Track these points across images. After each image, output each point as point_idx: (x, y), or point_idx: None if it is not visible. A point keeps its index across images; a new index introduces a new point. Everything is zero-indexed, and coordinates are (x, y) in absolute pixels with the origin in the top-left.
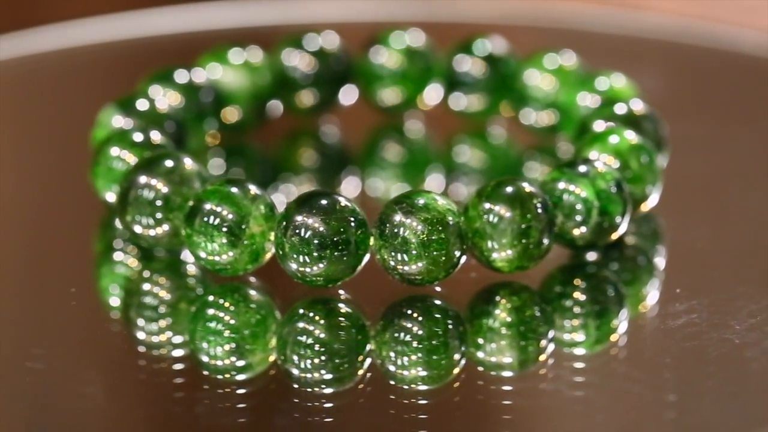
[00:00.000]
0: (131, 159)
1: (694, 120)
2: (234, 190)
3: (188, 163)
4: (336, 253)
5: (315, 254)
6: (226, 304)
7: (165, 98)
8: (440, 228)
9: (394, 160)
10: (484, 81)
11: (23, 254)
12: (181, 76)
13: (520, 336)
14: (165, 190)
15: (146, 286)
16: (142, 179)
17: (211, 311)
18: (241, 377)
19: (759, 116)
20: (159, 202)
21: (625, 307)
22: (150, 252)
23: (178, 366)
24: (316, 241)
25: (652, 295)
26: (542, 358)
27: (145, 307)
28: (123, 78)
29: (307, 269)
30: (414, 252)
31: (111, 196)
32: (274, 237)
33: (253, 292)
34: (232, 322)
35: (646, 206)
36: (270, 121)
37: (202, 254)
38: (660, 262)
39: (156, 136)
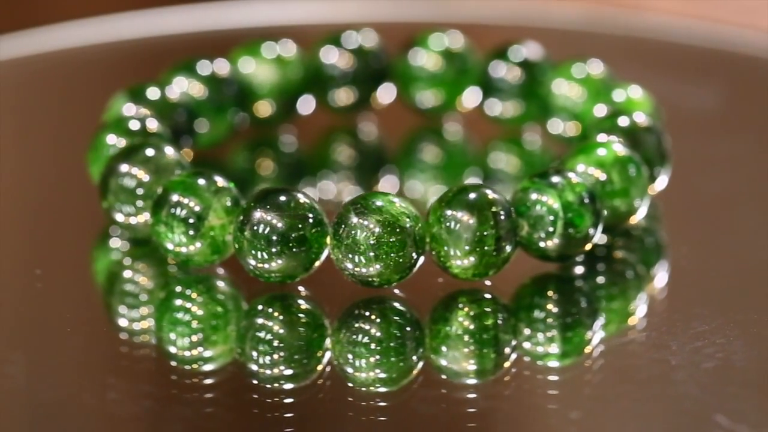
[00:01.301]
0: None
1: (695, 121)
2: (200, 181)
3: (169, 152)
4: (291, 250)
5: (269, 250)
6: (193, 295)
7: (187, 88)
8: (392, 231)
9: (432, 161)
10: (519, 87)
11: (23, 253)
12: (204, 67)
13: (480, 343)
14: (145, 178)
15: (127, 274)
16: (123, 167)
17: (178, 302)
18: (203, 368)
19: (759, 116)
20: (140, 191)
21: (592, 321)
22: (139, 241)
23: (141, 352)
24: (271, 237)
25: (621, 310)
26: (502, 365)
27: (123, 294)
28: (123, 78)
29: (264, 265)
30: (364, 253)
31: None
32: (232, 231)
33: (221, 284)
34: (198, 313)
35: (634, 219)
36: (301, 117)
37: (168, 245)
38: (640, 278)
39: (153, 125)
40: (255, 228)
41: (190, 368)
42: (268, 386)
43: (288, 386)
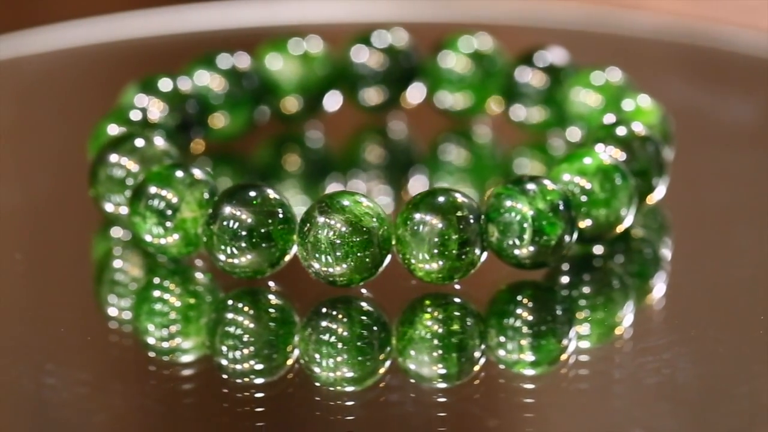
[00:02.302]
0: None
1: (695, 121)
2: (177, 174)
3: (158, 143)
4: (257, 246)
5: (235, 245)
6: (170, 286)
7: (208, 81)
8: (355, 231)
9: (461, 164)
10: (543, 93)
11: (22, 253)
12: (223, 61)
13: (445, 347)
14: (134, 168)
15: (117, 263)
16: (112, 157)
17: (155, 293)
18: (177, 360)
19: (759, 116)
20: (129, 181)
21: (561, 331)
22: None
23: (114, 338)
24: (237, 233)
25: (592, 320)
26: (468, 370)
27: (111, 284)
28: (123, 78)
29: (233, 260)
30: (326, 252)
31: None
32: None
33: (200, 276)
34: (173, 304)
35: (620, 229)
36: (329, 115)
37: (146, 237)
38: (622, 289)
39: (155, 115)
40: (222, 223)
41: (164, 359)
42: (238, 381)
43: (257, 380)
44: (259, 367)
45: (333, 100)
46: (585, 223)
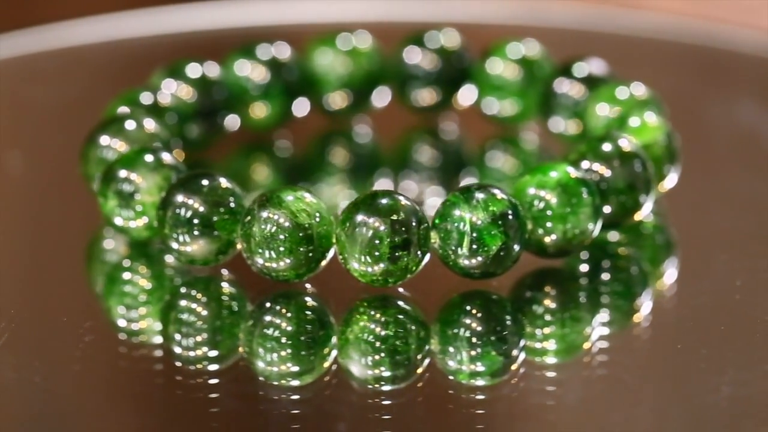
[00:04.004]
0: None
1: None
2: (146, 157)
3: (149, 126)
4: (200, 235)
5: (180, 232)
6: (140, 269)
7: (250, 72)
8: (287, 227)
9: (508, 170)
10: (581, 104)
11: (22, 252)
12: (263, 51)
13: (376, 350)
14: (123, 150)
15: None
16: (103, 139)
17: (126, 275)
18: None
19: (759, 117)
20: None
21: (504, 341)
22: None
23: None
24: (180, 219)
25: (558, 332)
26: (410, 371)
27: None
28: (123, 77)
29: (185, 248)
30: (259, 245)
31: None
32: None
33: (169, 260)
34: (137, 289)
35: (586, 241)
36: (375, 112)
37: (115, 219)
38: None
39: (165, 99)
40: (171, 210)
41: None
42: (191, 368)
43: (210, 367)
44: (208, 353)
45: (380, 97)
46: (550, 238)
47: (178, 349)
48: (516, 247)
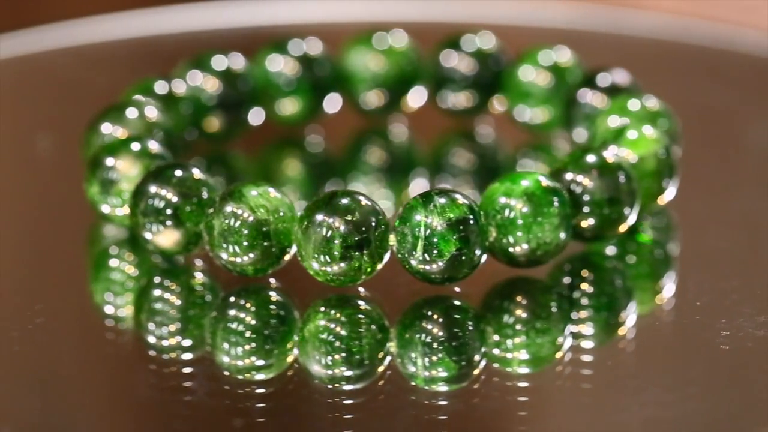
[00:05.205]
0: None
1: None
2: (133, 146)
3: (150, 114)
4: (169, 226)
5: (149, 222)
6: (126, 256)
7: (282, 67)
8: (245, 221)
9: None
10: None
11: (21, 252)
12: (295, 46)
13: (347, 350)
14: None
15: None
16: (104, 126)
17: (113, 263)
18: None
19: (759, 116)
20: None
21: (464, 349)
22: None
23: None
24: (149, 210)
25: (497, 344)
26: (369, 371)
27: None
28: (123, 77)
29: (158, 239)
30: (218, 238)
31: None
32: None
33: (153, 251)
34: (129, 274)
35: (556, 251)
36: (408, 111)
37: (103, 207)
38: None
39: (179, 89)
40: (143, 199)
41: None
42: (164, 357)
43: (184, 358)
44: (181, 344)
45: (416, 98)
46: (517, 247)
47: (152, 338)
48: (476, 254)
